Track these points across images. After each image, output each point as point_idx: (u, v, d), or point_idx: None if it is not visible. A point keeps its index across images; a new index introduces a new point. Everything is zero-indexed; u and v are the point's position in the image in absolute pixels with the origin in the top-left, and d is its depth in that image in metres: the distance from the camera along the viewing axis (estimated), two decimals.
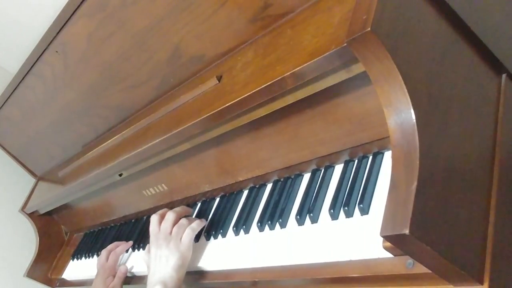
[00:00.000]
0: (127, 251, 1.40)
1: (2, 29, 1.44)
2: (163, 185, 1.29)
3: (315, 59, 0.72)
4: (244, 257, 0.97)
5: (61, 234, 1.93)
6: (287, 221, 0.93)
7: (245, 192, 1.11)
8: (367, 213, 0.79)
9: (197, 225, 1.06)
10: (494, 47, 0.80)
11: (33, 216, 1.83)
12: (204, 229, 1.13)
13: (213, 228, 1.09)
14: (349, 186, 0.85)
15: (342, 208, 0.82)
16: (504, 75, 0.82)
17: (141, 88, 1.22)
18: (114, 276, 1.34)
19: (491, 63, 0.80)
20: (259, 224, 0.97)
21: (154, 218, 1.09)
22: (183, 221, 1.07)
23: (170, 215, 1.07)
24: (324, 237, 0.83)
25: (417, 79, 0.64)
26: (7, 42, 1.52)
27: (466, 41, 0.77)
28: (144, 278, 1.30)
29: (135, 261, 1.34)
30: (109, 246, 1.40)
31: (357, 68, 0.71)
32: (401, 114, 0.62)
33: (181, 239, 1.04)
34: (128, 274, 1.35)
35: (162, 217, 1.09)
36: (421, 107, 0.63)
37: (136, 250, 1.36)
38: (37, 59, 1.34)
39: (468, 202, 0.66)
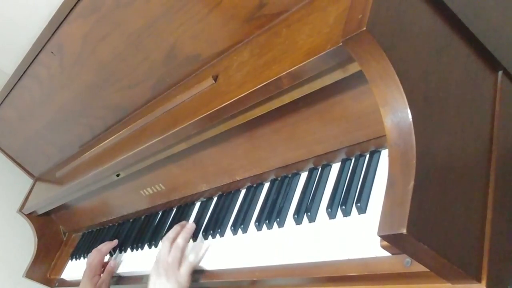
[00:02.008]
0: (122, 250, 1.40)
1: None
2: (160, 184, 1.29)
3: (311, 59, 0.72)
4: (242, 257, 0.97)
5: (59, 234, 1.93)
6: (284, 220, 0.93)
7: (243, 192, 1.11)
8: (364, 212, 0.79)
9: (194, 257, 1.04)
10: (490, 44, 0.80)
11: (31, 216, 1.83)
12: (202, 228, 1.13)
13: (211, 228, 1.09)
14: (347, 185, 0.85)
15: (339, 207, 0.82)
16: (500, 72, 0.82)
17: (137, 88, 1.21)
18: (100, 275, 1.36)
19: (487, 60, 0.80)
20: (257, 223, 0.97)
21: (164, 243, 1.08)
22: (176, 250, 1.05)
23: (167, 244, 1.07)
24: (322, 236, 0.83)
25: (413, 78, 0.64)
26: (3, 43, 1.51)
27: (462, 38, 0.77)
28: (140, 279, 1.31)
29: (131, 260, 1.34)
30: (99, 246, 1.42)
31: (353, 68, 0.71)
32: (397, 113, 0.62)
33: (179, 268, 1.02)
34: (126, 274, 1.36)
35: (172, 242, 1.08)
36: (418, 106, 0.63)
37: (134, 250, 1.36)
38: (33, 60, 1.34)
39: (465, 200, 0.66)
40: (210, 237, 1.09)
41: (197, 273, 1.07)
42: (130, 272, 1.34)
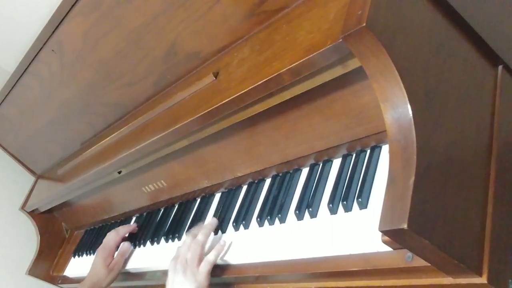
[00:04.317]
0: (132, 242, 1.41)
1: None
2: (162, 181, 1.29)
3: (311, 55, 0.72)
4: (244, 252, 0.97)
5: (61, 232, 1.94)
6: (286, 216, 0.93)
7: (244, 188, 1.11)
8: (365, 207, 0.79)
9: (215, 256, 1.00)
10: (490, 39, 0.80)
11: (34, 214, 1.84)
12: None
13: None
14: (348, 180, 0.85)
15: (340, 203, 0.83)
16: (500, 67, 0.82)
17: (138, 86, 1.21)
18: (113, 256, 1.35)
19: (487, 55, 0.80)
20: (258, 219, 0.98)
21: (187, 239, 1.04)
22: (196, 246, 1.01)
23: (188, 240, 1.03)
24: (324, 231, 0.83)
25: (414, 74, 0.64)
26: (3, 41, 1.51)
27: (462, 33, 0.77)
28: (143, 275, 1.31)
29: (133, 257, 1.35)
30: (117, 227, 1.41)
31: (353, 63, 0.72)
32: (397, 109, 0.63)
33: (198, 267, 0.98)
34: (128, 271, 1.36)
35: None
36: (418, 101, 0.63)
37: (137, 246, 1.37)
38: (34, 58, 1.34)
39: (466, 195, 0.66)
40: (212, 233, 1.09)
41: None
42: (133, 269, 1.35)
